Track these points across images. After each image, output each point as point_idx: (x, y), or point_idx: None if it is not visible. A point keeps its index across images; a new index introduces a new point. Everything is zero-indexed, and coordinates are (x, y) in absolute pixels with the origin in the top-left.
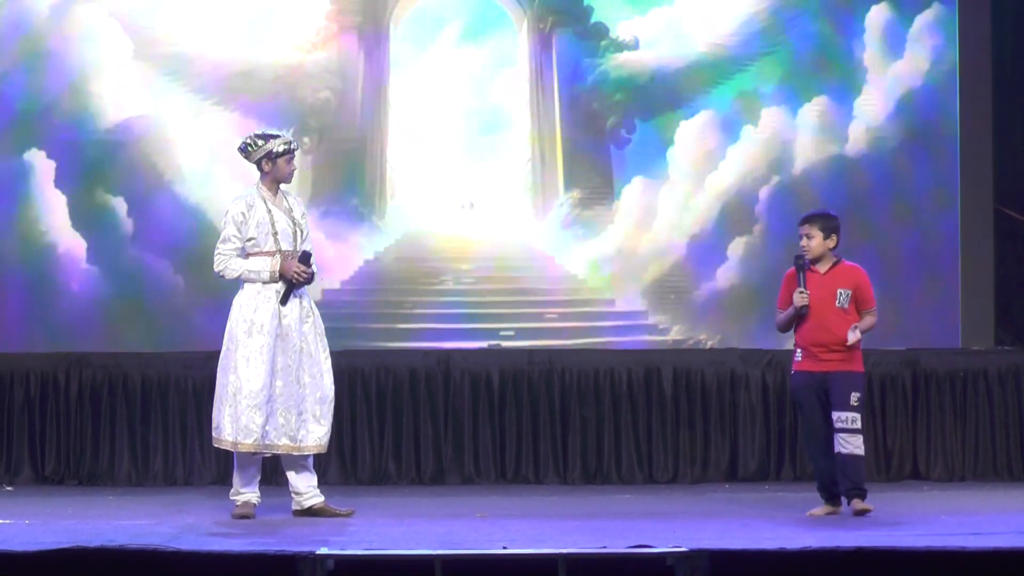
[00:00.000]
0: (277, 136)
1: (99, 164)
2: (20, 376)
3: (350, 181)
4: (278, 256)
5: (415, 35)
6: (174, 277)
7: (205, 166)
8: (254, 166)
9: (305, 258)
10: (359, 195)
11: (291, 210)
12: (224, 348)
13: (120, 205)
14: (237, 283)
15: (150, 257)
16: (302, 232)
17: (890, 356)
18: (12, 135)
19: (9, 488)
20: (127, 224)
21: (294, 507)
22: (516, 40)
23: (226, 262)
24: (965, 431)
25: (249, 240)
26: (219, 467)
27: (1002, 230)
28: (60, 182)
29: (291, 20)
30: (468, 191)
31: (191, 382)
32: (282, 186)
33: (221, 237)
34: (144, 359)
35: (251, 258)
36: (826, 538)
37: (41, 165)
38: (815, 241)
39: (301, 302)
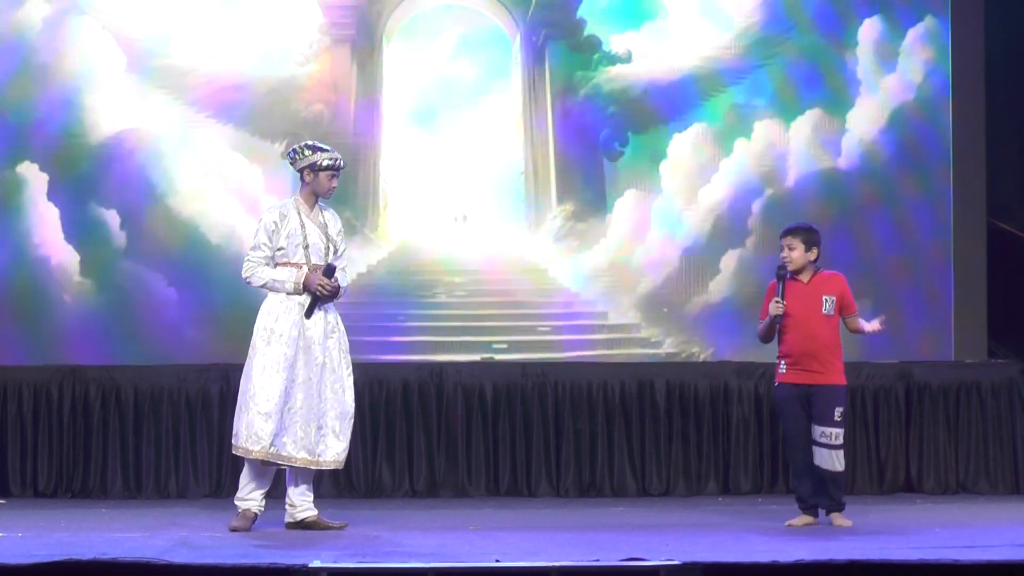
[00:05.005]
0: (326, 150)
1: (92, 177)
2: (13, 389)
3: (343, 193)
4: (304, 268)
5: (408, 48)
6: (167, 290)
7: (198, 179)
8: (293, 177)
9: (329, 271)
10: (352, 208)
11: (326, 226)
12: (248, 356)
13: (113, 218)
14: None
15: (143, 270)
16: (335, 248)
17: (883, 369)
18: (5, 148)
19: (2, 502)
20: (120, 237)
21: (287, 519)
22: (509, 53)
23: (253, 269)
24: (958, 443)
25: (279, 250)
26: (212, 480)
27: (995, 243)
28: (53, 195)
29: (284, 33)
30: (461, 204)
31: (184, 395)
32: (321, 201)
33: (252, 244)
34: (137, 372)
35: (278, 268)
36: (819, 550)
37: (34, 178)
38: (796, 252)
39: (327, 316)
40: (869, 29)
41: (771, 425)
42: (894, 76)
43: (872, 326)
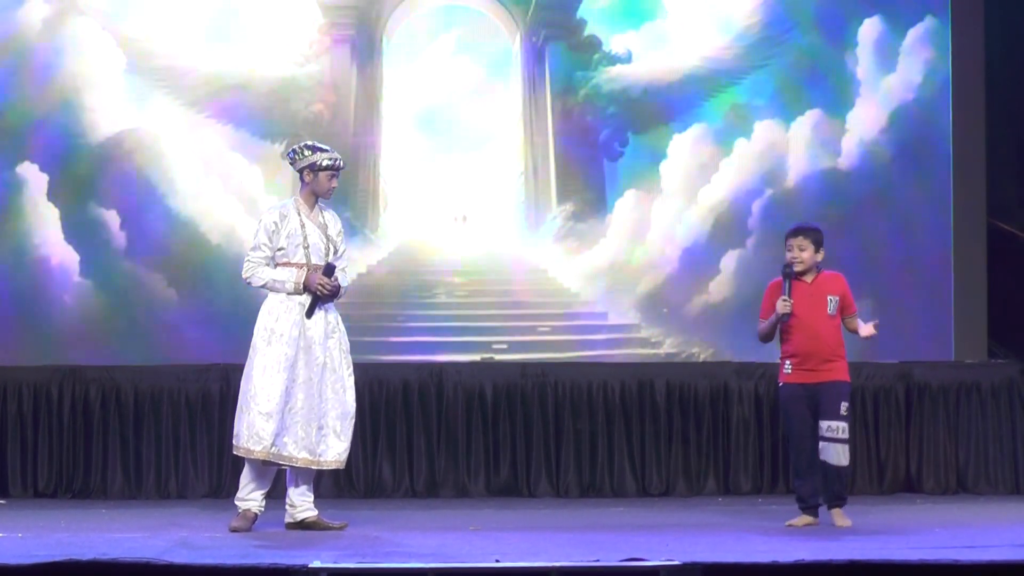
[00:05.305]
0: (326, 150)
1: (92, 177)
2: (13, 389)
3: (343, 194)
4: (304, 268)
5: (408, 48)
6: (167, 290)
7: (198, 179)
8: (293, 177)
9: (329, 271)
10: (352, 208)
11: (326, 226)
12: (248, 356)
13: (113, 218)
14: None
15: (143, 270)
16: (335, 249)
17: (883, 369)
18: (5, 148)
19: (2, 502)
20: (120, 237)
21: (287, 519)
22: (509, 53)
23: (253, 270)
24: (958, 443)
25: (279, 250)
26: (212, 480)
27: (995, 243)
28: (53, 195)
29: (284, 33)
30: (461, 204)
31: (184, 395)
32: (320, 201)
33: (252, 244)
34: (137, 372)
35: (278, 268)
36: (819, 551)
37: (34, 178)
38: (807, 253)
39: (327, 316)
40: (869, 29)
41: (771, 425)
42: (894, 76)
43: (867, 330)
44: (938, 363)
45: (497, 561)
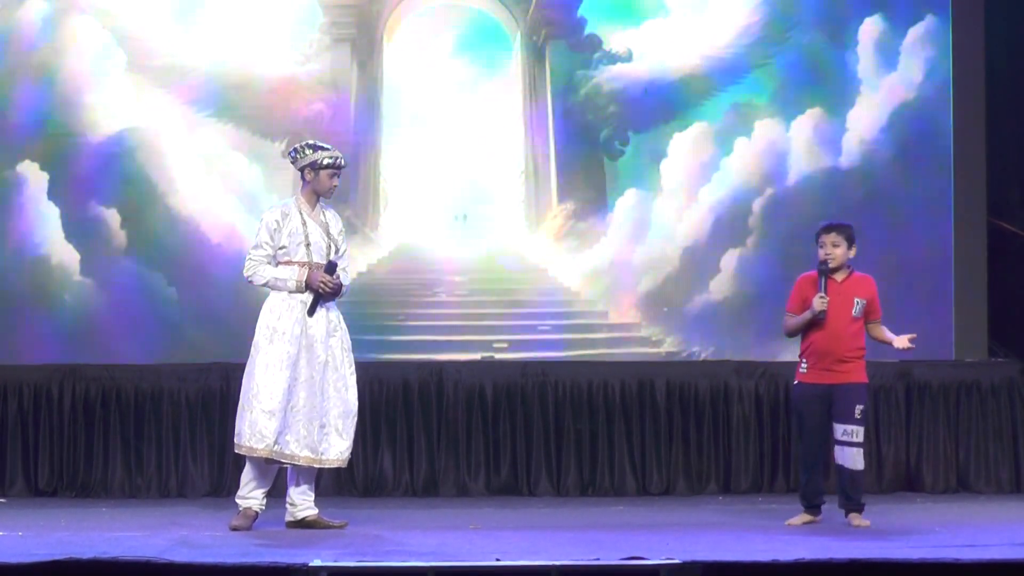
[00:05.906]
0: (327, 149)
1: (92, 176)
2: (13, 388)
3: (343, 193)
4: (306, 267)
5: (408, 47)
6: (167, 289)
7: (199, 178)
8: (294, 176)
9: (331, 268)
10: (352, 207)
11: (328, 225)
12: (250, 355)
13: (113, 217)
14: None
15: (143, 269)
16: (336, 248)
17: (884, 367)
18: (5, 147)
19: (2, 500)
20: (120, 236)
21: (287, 518)
22: (510, 52)
23: (255, 268)
24: (958, 443)
25: (280, 248)
26: (212, 479)
27: (995, 242)
28: (53, 194)
29: (285, 32)
30: (461, 203)
31: (184, 394)
32: (322, 200)
33: (254, 243)
34: (137, 371)
35: (280, 267)
36: (820, 550)
37: (34, 177)
38: (840, 250)
39: (328, 315)
40: (869, 28)
41: (771, 424)
42: (894, 75)
43: (901, 343)
44: (938, 362)
45: (497, 560)
